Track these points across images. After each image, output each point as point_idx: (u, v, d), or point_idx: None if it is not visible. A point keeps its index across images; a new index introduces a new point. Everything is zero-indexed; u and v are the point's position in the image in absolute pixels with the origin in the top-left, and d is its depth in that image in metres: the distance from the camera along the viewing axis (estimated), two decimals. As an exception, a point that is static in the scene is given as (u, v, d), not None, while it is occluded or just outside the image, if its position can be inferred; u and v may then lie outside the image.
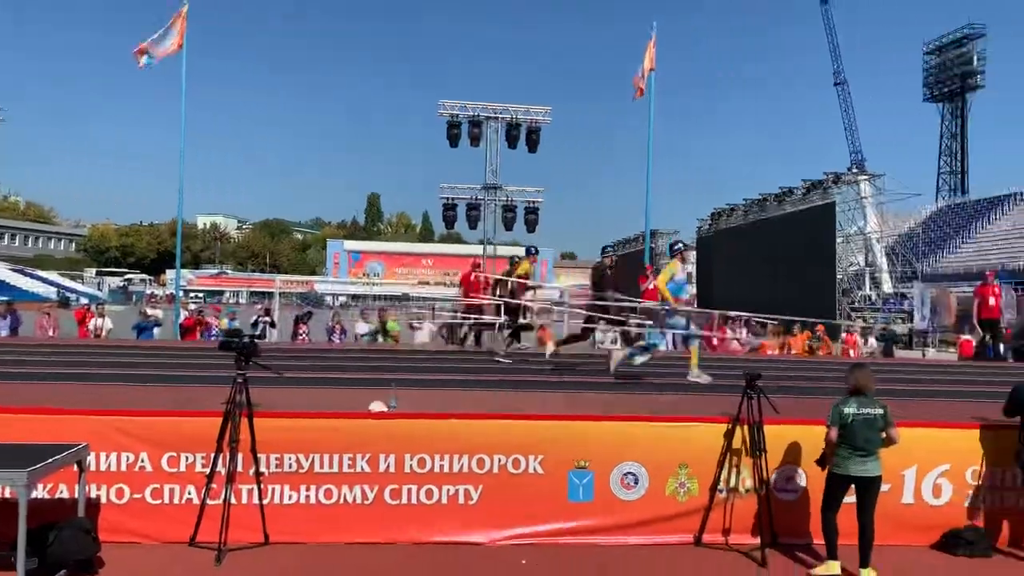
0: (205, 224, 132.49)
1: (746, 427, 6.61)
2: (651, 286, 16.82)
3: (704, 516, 6.70)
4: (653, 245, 52.57)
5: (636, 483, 6.77)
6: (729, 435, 6.68)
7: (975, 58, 79.38)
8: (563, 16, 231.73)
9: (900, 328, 32.49)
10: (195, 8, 19.51)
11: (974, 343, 18.34)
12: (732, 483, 6.76)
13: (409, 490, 6.63)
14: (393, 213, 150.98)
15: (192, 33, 19.48)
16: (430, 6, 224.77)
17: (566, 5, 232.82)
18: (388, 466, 6.61)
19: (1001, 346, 15.81)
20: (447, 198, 24.36)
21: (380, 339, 17.45)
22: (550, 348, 11.67)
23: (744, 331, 20.09)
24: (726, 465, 6.68)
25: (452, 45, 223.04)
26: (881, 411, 6.18)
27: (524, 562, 6.28)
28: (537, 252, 13.87)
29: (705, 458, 6.72)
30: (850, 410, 6.17)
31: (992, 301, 15.64)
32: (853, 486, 6.20)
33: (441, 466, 6.65)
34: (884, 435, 6.19)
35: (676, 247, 9.98)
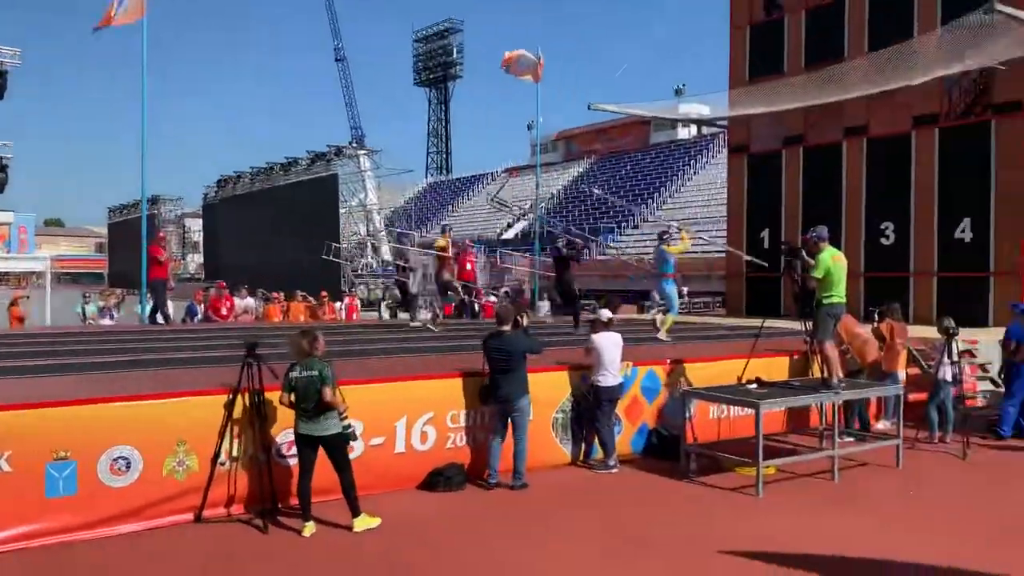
0: None
1: (247, 396, 6.55)
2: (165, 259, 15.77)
3: (205, 491, 6.48)
4: (155, 211, 49.06)
5: (128, 467, 6.27)
6: (230, 406, 6.54)
7: (455, 50, 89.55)
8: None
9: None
10: None
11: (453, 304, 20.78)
12: (234, 453, 6.66)
13: None
14: None
15: None
16: None
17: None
18: None
19: (476, 305, 18.16)
20: None
21: None
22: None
23: (251, 300, 19.93)
24: (227, 436, 6.54)
25: None
26: (316, 373, 6.35)
27: (-12, 576, 5.41)
28: (451, 229, 15.05)
29: (205, 432, 6.48)
30: (294, 374, 6.38)
31: (469, 266, 17.91)
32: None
33: None
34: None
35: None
